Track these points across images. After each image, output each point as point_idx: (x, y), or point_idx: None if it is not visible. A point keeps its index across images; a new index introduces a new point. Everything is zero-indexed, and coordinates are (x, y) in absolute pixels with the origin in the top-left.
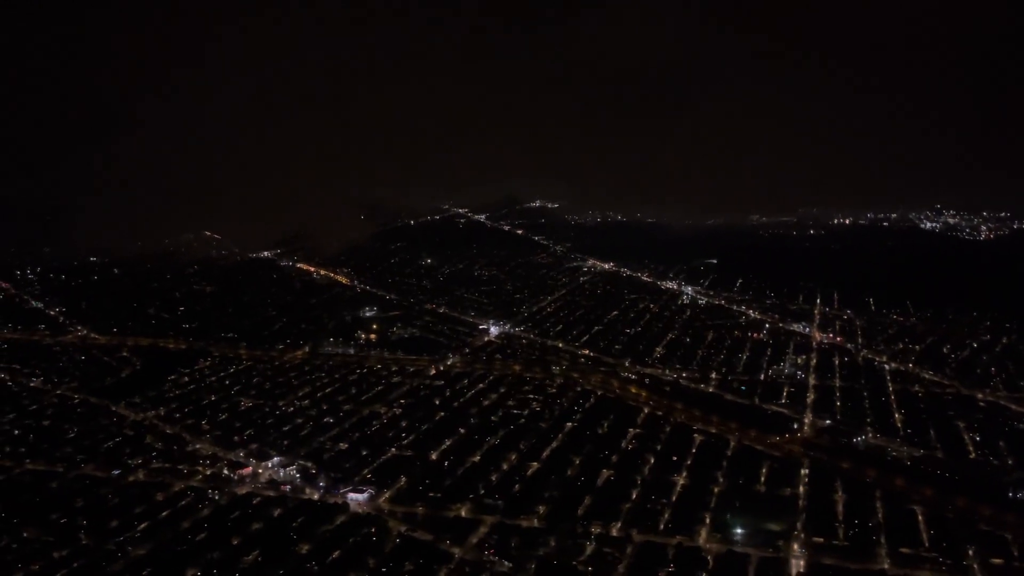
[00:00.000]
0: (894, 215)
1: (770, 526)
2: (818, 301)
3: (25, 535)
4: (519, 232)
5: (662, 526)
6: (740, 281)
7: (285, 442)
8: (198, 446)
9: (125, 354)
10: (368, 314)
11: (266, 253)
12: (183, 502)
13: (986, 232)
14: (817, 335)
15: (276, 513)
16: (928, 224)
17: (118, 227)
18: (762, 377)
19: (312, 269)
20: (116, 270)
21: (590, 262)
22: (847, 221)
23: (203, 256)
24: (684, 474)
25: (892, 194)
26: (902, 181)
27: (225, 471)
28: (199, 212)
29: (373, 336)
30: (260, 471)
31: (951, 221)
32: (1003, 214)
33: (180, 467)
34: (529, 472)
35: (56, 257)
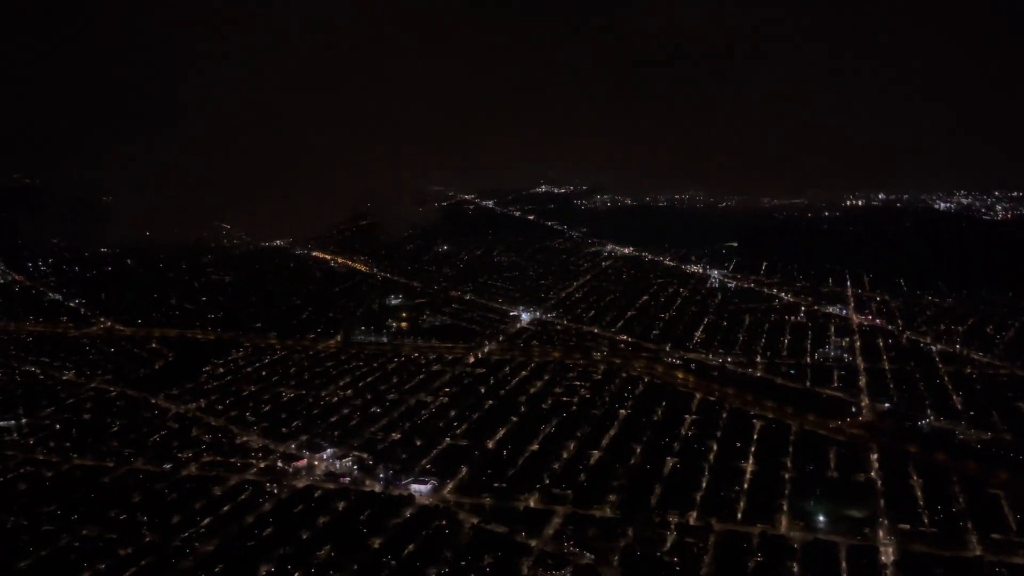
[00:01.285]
0: (906, 196)
1: (852, 513)
2: (848, 283)
3: (85, 533)
4: (530, 218)
5: (740, 514)
6: (765, 264)
7: (335, 433)
8: (247, 438)
9: (154, 345)
10: (394, 302)
11: (278, 242)
12: (242, 496)
13: (1003, 212)
14: (855, 317)
15: (340, 506)
16: (942, 204)
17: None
18: (808, 361)
19: (329, 257)
20: (129, 260)
21: (609, 247)
22: (859, 203)
23: (215, 246)
24: (751, 461)
25: (898, 176)
26: (909, 163)
27: (279, 464)
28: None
29: (404, 324)
30: (316, 463)
31: (964, 201)
32: (1015, 193)
33: (232, 460)
34: (592, 461)
35: (67, 248)
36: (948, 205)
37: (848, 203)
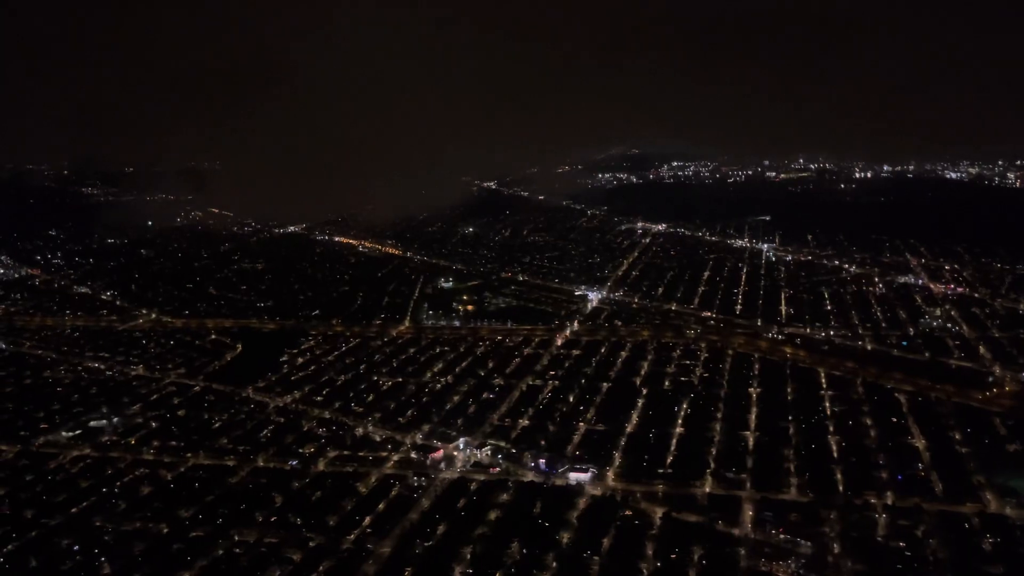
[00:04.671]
0: (911, 167)
1: None
2: (907, 253)
3: (237, 538)
4: (540, 198)
5: (939, 493)
6: (810, 236)
7: (458, 421)
8: (365, 430)
9: (214, 336)
10: (446, 285)
11: (292, 228)
12: (393, 492)
13: (1018, 180)
14: (935, 287)
15: (504, 498)
16: (952, 174)
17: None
18: (912, 332)
19: (356, 242)
20: (144, 251)
21: (639, 224)
22: (868, 175)
23: (227, 233)
24: (920, 437)
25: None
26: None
27: (413, 455)
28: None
29: (471, 307)
30: (454, 453)
31: (972, 171)
32: (1019, 162)
33: (362, 454)
34: (750, 443)
35: (74, 240)
36: (960, 175)
37: (857, 175)
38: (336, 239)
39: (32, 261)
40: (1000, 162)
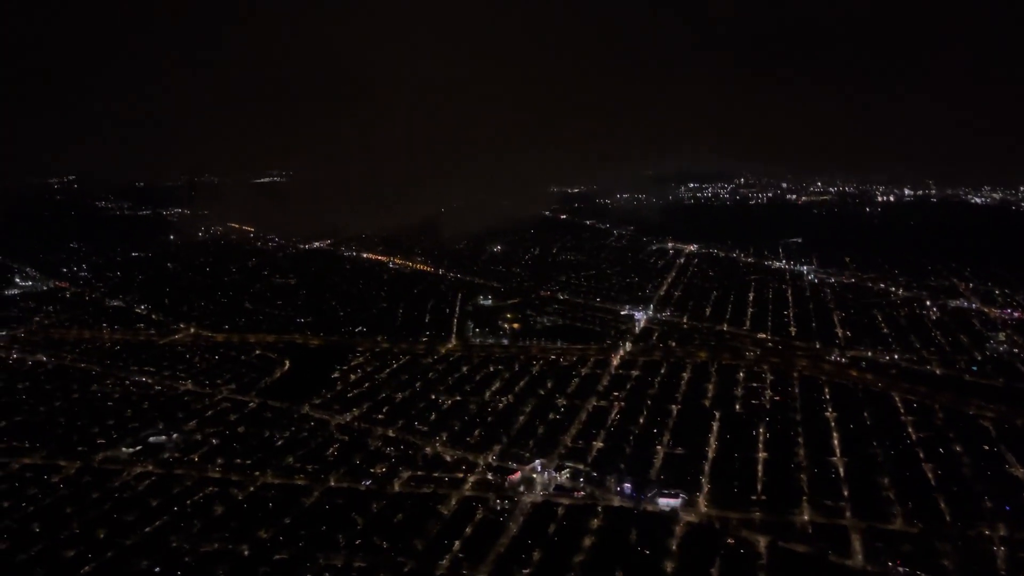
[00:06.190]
0: (933, 191)
1: None
2: (951, 276)
3: (323, 561)
4: (562, 217)
5: None
6: (847, 258)
7: (529, 442)
8: (433, 450)
9: (258, 352)
10: (485, 302)
11: (316, 244)
12: (478, 516)
13: None
14: (991, 310)
15: (595, 524)
16: (976, 199)
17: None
18: (979, 356)
19: (386, 258)
20: (170, 264)
21: (670, 244)
22: (890, 198)
23: (250, 248)
24: (1018, 466)
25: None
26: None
27: (489, 477)
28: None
29: (516, 325)
30: (533, 476)
31: (996, 196)
32: None
33: (436, 475)
34: (840, 469)
35: (97, 253)
36: (985, 200)
37: (880, 199)
38: (364, 255)
39: (58, 273)
40: (1022, 188)
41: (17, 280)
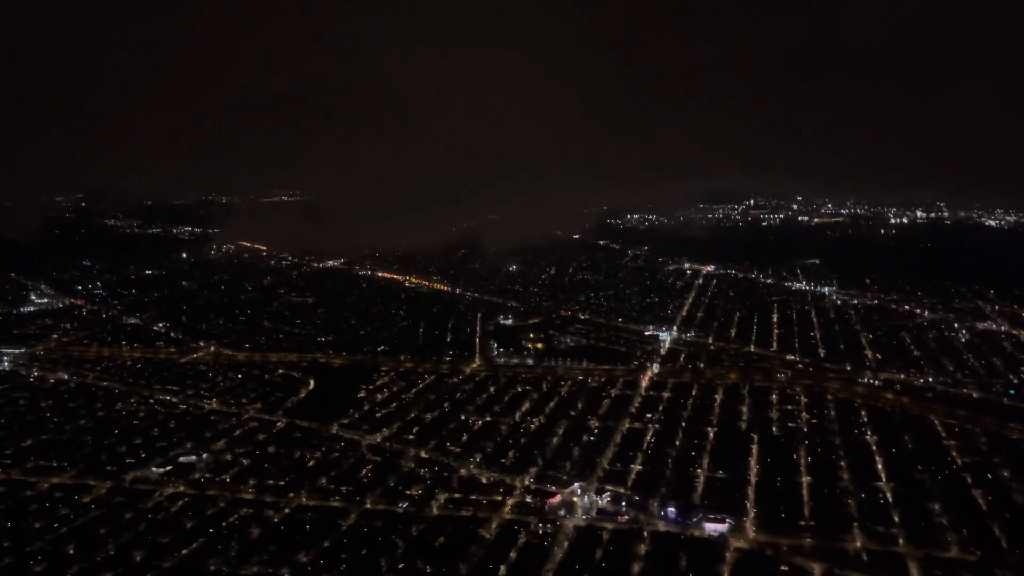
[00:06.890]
0: (945, 214)
1: None
2: (976, 299)
3: None
4: (575, 237)
5: None
6: (868, 280)
7: (565, 464)
8: (469, 472)
9: (281, 371)
10: (505, 322)
11: (331, 262)
12: (521, 540)
13: None
14: (1021, 333)
15: (643, 550)
16: (991, 221)
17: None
18: (1015, 380)
19: (401, 277)
20: (185, 283)
21: (687, 264)
22: (904, 220)
23: (264, 266)
24: None
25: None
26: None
27: (527, 499)
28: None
29: (540, 345)
30: (573, 499)
31: (1011, 218)
32: None
33: (474, 497)
34: (888, 495)
35: (110, 271)
36: (1000, 222)
37: (893, 220)
38: (379, 274)
39: (73, 291)
40: None
41: (33, 297)
